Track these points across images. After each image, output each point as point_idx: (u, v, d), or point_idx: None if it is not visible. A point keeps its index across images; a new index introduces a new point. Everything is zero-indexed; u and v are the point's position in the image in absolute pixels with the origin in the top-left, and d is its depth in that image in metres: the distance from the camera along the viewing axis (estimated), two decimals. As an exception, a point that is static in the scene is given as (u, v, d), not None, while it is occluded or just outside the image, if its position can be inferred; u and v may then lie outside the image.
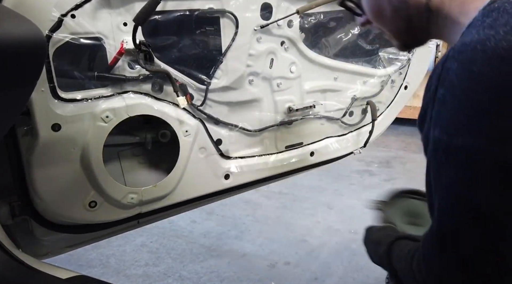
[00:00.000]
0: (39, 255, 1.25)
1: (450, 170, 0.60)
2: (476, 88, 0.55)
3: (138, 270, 2.53)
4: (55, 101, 1.05)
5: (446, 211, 0.62)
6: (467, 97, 0.56)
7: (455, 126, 0.57)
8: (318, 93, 1.57)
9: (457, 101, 0.57)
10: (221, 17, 1.27)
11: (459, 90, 0.56)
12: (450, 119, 0.58)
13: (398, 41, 0.84)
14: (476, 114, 0.55)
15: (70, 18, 1.02)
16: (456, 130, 0.57)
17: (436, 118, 0.60)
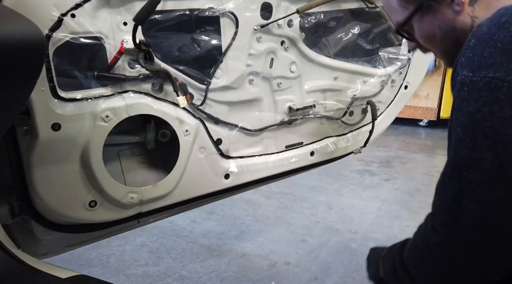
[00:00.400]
0: (39, 255, 1.25)
1: (472, 101, 0.70)
2: (501, 31, 0.70)
3: (138, 269, 2.53)
4: (55, 101, 1.05)
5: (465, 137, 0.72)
6: (492, 38, 0.70)
7: (479, 63, 0.70)
8: (318, 92, 1.57)
9: (483, 43, 0.71)
10: (221, 17, 1.27)
11: (487, 35, 0.71)
12: (477, 58, 0.70)
13: (447, 59, 0.93)
14: (496, 52, 0.69)
15: (70, 17, 1.02)
16: (479, 66, 0.70)
17: (465, 62, 0.73)
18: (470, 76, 0.70)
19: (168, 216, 1.42)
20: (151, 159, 1.34)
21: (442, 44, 0.91)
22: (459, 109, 0.73)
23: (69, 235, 1.23)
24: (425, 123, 5.13)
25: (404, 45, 1.72)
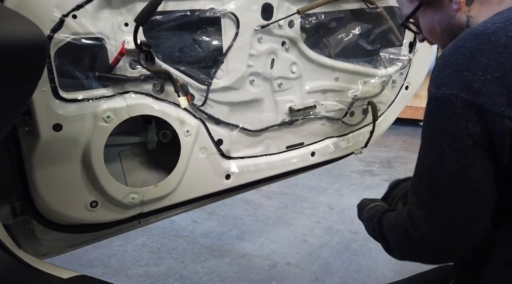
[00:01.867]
0: (40, 255, 1.25)
1: (436, 113, 0.81)
2: (457, 54, 0.79)
3: (139, 270, 2.53)
4: (56, 102, 1.06)
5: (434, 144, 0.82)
6: (450, 60, 0.80)
7: (441, 81, 0.80)
8: (319, 93, 1.57)
9: (444, 64, 0.80)
10: (222, 17, 1.27)
11: (448, 56, 0.80)
12: (440, 76, 0.80)
13: None
14: (452, 72, 0.78)
15: (71, 18, 1.02)
16: (441, 83, 0.80)
17: (433, 79, 0.82)
18: (434, 92, 0.81)
19: (169, 216, 1.42)
20: (152, 159, 1.34)
21: (442, 38, 1.01)
22: (429, 120, 0.83)
23: (70, 235, 1.24)
24: (426, 123, 5.13)
25: (405, 46, 1.72)
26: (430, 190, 0.84)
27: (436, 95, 0.80)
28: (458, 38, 0.82)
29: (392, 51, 1.69)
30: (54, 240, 1.24)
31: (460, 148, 0.78)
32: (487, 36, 0.77)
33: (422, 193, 0.85)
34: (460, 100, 0.76)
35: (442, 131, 0.80)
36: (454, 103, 0.77)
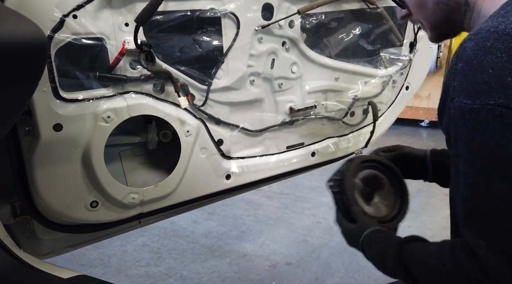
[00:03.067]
0: (41, 255, 1.25)
1: (480, 130, 0.67)
2: (489, 57, 0.66)
3: (139, 270, 2.53)
4: (57, 102, 1.06)
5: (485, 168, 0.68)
6: (482, 64, 0.66)
7: (475, 90, 0.66)
8: (319, 93, 1.57)
9: (474, 70, 0.67)
10: (222, 18, 1.27)
11: (476, 60, 0.67)
12: (471, 85, 0.67)
13: (434, 32, 0.93)
14: (490, 78, 0.65)
15: (71, 18, 1.02)
16: (476, 93, 0.66)
17: (459, 88, 0.69)
18: (470, 104, 0.67)
19: (169, 216, 1.42)
20: (152, 160, 1.34)
21: (433, 15, 0.89)
22: (471, 139, 0.68)
23: (71, 235, 1.24)
24: (426, 124, 5.12)
25: (405, 46, 1.72)
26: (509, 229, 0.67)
27: (473, 107, 0.66)
28: (478, 37, 0.68)
29: (392, 51, 1.69)
30: (54, 240, 1.24)
31: None
32: None
33: (499, 236, 0.67)
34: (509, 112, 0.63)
35: (496, 151, 0.66)
36: (504, 115, 0.64)
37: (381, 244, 0.92)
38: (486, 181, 0.68)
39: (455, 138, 0.72)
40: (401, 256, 0.84)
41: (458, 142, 0.71)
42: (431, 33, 0.94)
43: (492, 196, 0.68)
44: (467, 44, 0.69)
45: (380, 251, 0.90)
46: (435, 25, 0.92)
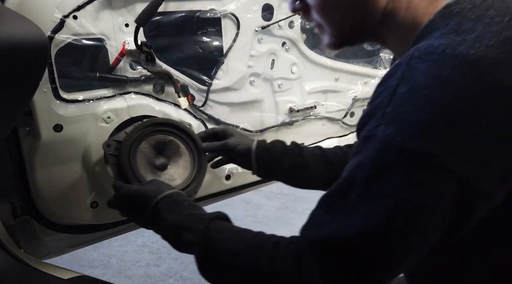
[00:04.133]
0: (41, 255, 1.25)
1: (398, 172, 0.55)
2: (444, 92, 0.52)
3: (140, 270, 2.53)
4: (57, 102, 1.06)
5: (378, 211, 0.57)
6: (433, 99, 0.53)
7: (414, 128, 0.53)
8: (319, 94, 1.57)
9: (421, 103, 0.53)
10: (222, 18, 1.27)
11: (426, 91, 0.53)
12: (409, 120, 0.54)
13: (336, 37, 0.76)
14: (438, 121, 0.52)
15: (72, 19, 1.03)
16: (414, 133, 0.53)
17: (393, 116, 0.56)
18: (399, 141, 0.54)
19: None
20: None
21: (341, 20, 0.72)
22: (375, 175, 0.57)
23: (71, 236, 1.23)
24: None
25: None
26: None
27: (402, 148, 0.54)
28: (433, 58, 0.54)
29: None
30: (54, 240, 1.24)
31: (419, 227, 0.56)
32: (488, 71, 0.52)
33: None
34: (442, 167, 0.53)
35: (401, 203, 0.55)
36: (431, 168, 0.53)
37: (187, 211, 0.79)
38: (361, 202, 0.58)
39: (360, 162, 0.60)
40: (208, 234, 0.72)
41: (358, 168, 0.60)
42: (332, 39, 0.76)
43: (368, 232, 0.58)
44: (417, 65, 0.56)
45: (184, 220, 0.77)
46: (340, 31, 0.75)
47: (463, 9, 0.59)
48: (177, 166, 1.10)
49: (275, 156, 1.07)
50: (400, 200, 0.55)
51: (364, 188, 0.58)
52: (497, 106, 0.52)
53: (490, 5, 0.58)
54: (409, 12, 0.68)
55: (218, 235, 0.72)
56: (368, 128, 0.59)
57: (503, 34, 0.53)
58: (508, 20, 0.55)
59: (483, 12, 0.57)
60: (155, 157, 1.08)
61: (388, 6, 0.68)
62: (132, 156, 1.01)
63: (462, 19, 0.57)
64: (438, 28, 0.59)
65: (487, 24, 0.55)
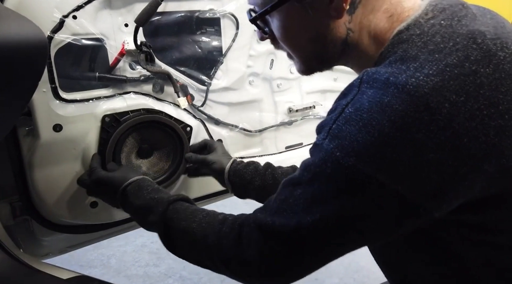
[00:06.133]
0: (40, 255, 1.25)
1: (333, 181, 0.61)
2: (382, 117, 0.56)
3: (139, 270, 2.53)
4: (57, 102, 1.06)
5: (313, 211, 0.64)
6: (371, 123, 0.57)
7: (351, 147, 0.58)
8: (318, 93, 1.58)
9: (361, 124, 0.58)
10: (222, 18, 1.27)
11: (367, 115, 0.58)
12: (349, 139, 0.59)
13: (303, 65, 0.81)
14: (374, 142, 0.57)
15: (71, 19, 1.03)
16: (351, 150, 0.58)
17: (336, 133, 0.61)
18: (338, 156, 0.59)
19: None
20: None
21: (306, 49, 0.77)
22: (317, 179, 0.64)
23: (70, 236, 1.23)
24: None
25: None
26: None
27: (340, 162, 0.59)
28: (378, 85, 0.59)
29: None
30: (54, 240, 1.24)
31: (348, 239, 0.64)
32: (424, 99, 0.54)
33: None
34: (376, 185, 0.57)
35: (332, 212, 0.62)
36: (365, 185, 0.58)
37: (150, 195, 0.90)
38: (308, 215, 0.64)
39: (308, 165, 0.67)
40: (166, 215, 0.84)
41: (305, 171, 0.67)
42: (301, 66, 0.82)
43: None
44: (366, 90, 0.61)
45: (147, 203, 0.88)
46: (305, 59, 0.80)
47: (411, 35, 0.63)
48: (158, 159, 1.22)
49: (246, 177, 1.14)
50: (333, 205, 0.62)
51: (306, 188, 0.66)
52: (432, 132, 0.54)
53: (437, 31, 0.61)
54: (369, 41, 0.72)
55: (174, 216, 0.83)
56: (318, 138, 0.66)
57: (443, 62, 0.57)
58: (451, 46, 0.58)
59: (429, 39, 0.61)
60: (142, 145, 1.19)
61: (348, 37, 0.72)
62: (121, 139, 1.13)
63: (409, 46, 0.62)
64: (389, 55, 0.64)
65: (431, 51, 0.59)
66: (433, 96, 0.54)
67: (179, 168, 1.24)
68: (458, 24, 0.61)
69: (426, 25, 0.63)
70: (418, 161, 0.55)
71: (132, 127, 1.14)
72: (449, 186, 0.57)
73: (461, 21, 0.62)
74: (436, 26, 0.62)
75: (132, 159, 1.19)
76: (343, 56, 0.77)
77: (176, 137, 1.22)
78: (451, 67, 0.56)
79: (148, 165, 1.22)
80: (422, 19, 0.64)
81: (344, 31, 0.72)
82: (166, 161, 1.24)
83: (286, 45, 0.78)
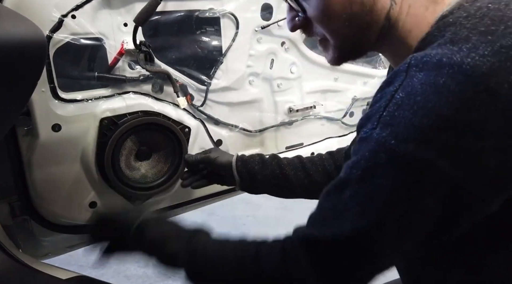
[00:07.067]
0: (39, 256, 1.25)
1: (389, 172, 0.57)
2: (438, 99, 0.53)
3: (138, 270, 2.53)
4: (56, 102, 1.06)
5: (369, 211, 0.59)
6: (427, 106, 0.54)
7: (407, 132, 0.54)
8: (318, 93, 1.57)
9: (415, 108, 0.54)
10: (222, 18, 1.27)
11: (421, 97, 0.54)
12: (404, 124, 0.55)
13: (340, 49, 0.74)
14: (432, 126, 0.53)
15: (70, 18, 1.02)
16: (407, 136, 0.54)
17: (388, 120, 0.57)
18: (393, 144, 0.55)
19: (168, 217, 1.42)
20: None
21: (342, 30, 0.69)
22: (369, 175, 0.59)
23: (70, 236, 1.23)
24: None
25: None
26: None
27: (395, 150, 0.55)
28: (429, 67, 0.55)
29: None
30: (53, 240, 1.24)
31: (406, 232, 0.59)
32: (482, 79, 0.52)
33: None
34: (435, 173, 0.54)
35: (390, 204, 0.57)
36: (425, 173, 0.54)
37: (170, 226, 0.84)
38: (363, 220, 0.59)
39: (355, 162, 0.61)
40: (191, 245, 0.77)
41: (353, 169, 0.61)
42: (336, 52, 0.74)
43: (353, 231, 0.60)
44: (415, 73, 0.57)
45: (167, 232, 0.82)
46: (344, 42, 0.72)
47: (457, 18, 0.60)
48: (157, 161, 1.22)
49: (254, 167, 1.12)
50: (390, 201, 0.57)
51: (357, 188, 0.60)
52: (491, 114, 0.52)
53: (485, 13, 0.58)
54: (408, 19, 0.68)
55: (201, 246, 0.76)
56: (365, 130, 0.60)
57: (498, 44, 0.54)
58: (503, 29, 0.56)
59: (477, 21, 0.58)
60: (140, 147, 1.18)
61: (390, 11, 0.67)
62: (119, 142, 1.12)
63: (458, 28, 0.58)
64: (436, 39, 0.61)
65: (482, 33, 0.56)
66: (492, 76, 0.52)
67: (178, 170, 1.23)
68: (506, 8, 0.59)
69: (472, 8, 0.60)
70: (479, 146, 0.52)
71: (130, 130, 1.13)
72: (508, 175, 0.54)
73: (509, 5, 0.59)
74: (483, 9, 0.59)
75: (131, 161, 1.18)
76: (381, 39, 0.71)
77: (174, 139, 1.21)
78: (506, 49, 0.53)
79: (147, 167, 1.21)
80: (467, 2, 0.61)
81: (388, 3, 0.66)
82: (165, 163, 1.23)
83: (324, 24, 0.70)
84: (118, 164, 1.14)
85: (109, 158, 1.11)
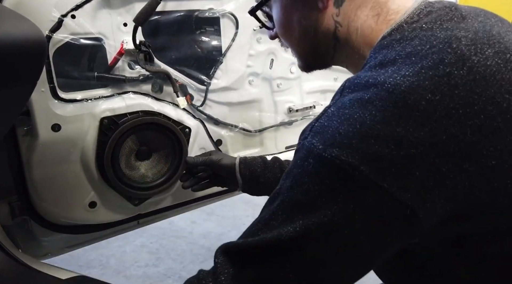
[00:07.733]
0: (39, 256, 1.24)
1: (316, 177, 0.58)
2: (363, 112, 0.57)
3: (138, 270, 2.53)
4: (55, 102, 1.06)
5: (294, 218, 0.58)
6: (353, 117, 0.58)
7: (333, 138, 0.58)
8: (318, 93, 1.57)
9: (343, 118, 0.59)
10: (221, 18, 1.27)
11: (349, 110, 0.59)
12: (331, 132, 0.58)
13: (302, 61, 0.85)
14: (356, 133, 0.56)
15: (70, 18, 1.02)
16: (333, 142, 0.57)
17: (319, 129, 0.60)
18: (320, 149, 0.58)
19: (168, 217, 1.42)
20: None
21: (300, 44, 0.80)
22: (297, 181, 0.60)
23: (69, 236, 1.23)
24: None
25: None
26: None
27: (322, 154, 0.57)
28: (358, 87, 0.61)
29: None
30: (53, 240, 1.24)
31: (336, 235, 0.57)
32: (402, 96, 0.56)
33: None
34: (359, 176, 0.55)
35: (315, 207, 0.57)
36: (348, 176, 0.56)
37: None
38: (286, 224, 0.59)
39: (287, 173, 0.63)
40: None
41: (286, 179, 0.62)
42: (300, 63, 0.86)
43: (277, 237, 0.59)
44: (347, 94, 0.62)
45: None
46: (303, 55, 0.83)
47: (391, 41, 0.65)
48: (157, 161, 1.22)
49: (257, 169, 1.15)
50: (317, 206, 0.57)
51: (286, 196, 0.61)
52: (411, 127, 0.55)
53: (416, 34, 0.63)
54: (359, 39, 0.73)
55: None
56: (299, 141, 0.64)
57: (419, 65, 0.58)
58: (427, 49, 0.60)
59: (407, 43, 0.62)
60: (140, 147, 1.18)
61: (337, 31, 0.74)
62: (119, 142, 1.12)
63: (389, 51, 0.63)
64: (370, 61, 0.66)
65: (408, 54, 0.60)
66: (410, 94, 0.56)
67: (178, 170, 1.23)
68: (438, 28, 0.63)
69: (407, 30, 0.65)
70: (400, 154, 0.55)
71: (131, 130, 1.13)
72: (432, 183, 0.56)
73: (443, 25, 0.63)
74: (416, 30, 0.64)
75: (131, 161, 1.18)
76: (337, 54, 0.78)
77: (174, 139, 1.21)
78: (426, 69, 0.58)
79: (147, 167, 1.21)
80: (406, 24, 0.66)
81: (332, 24, 0.74)
82: (165, 163, 1.23)
83: (283, 39, 0.82)
84: (118, 163, 1.14)
85: (109, 157, 1.11)
